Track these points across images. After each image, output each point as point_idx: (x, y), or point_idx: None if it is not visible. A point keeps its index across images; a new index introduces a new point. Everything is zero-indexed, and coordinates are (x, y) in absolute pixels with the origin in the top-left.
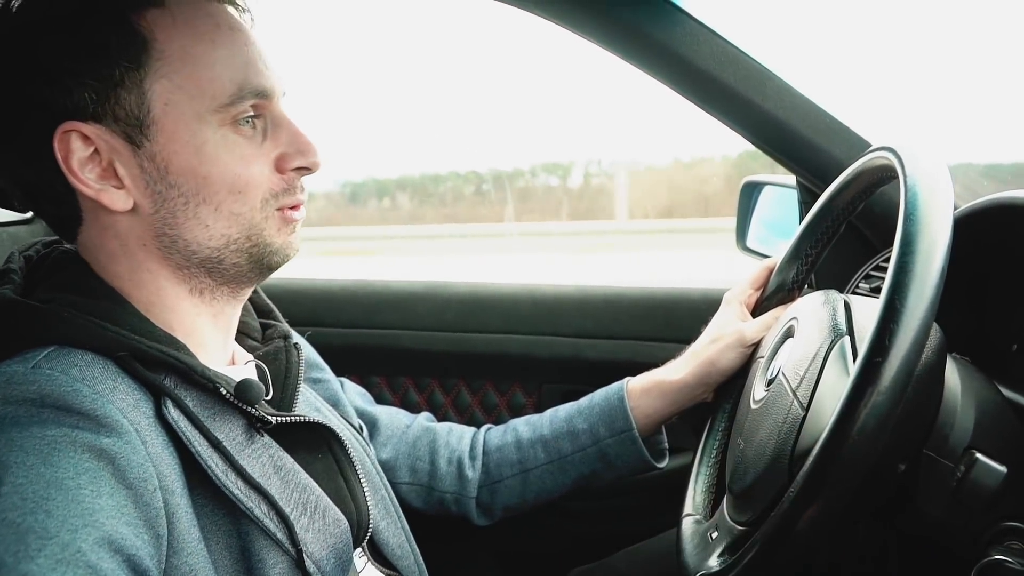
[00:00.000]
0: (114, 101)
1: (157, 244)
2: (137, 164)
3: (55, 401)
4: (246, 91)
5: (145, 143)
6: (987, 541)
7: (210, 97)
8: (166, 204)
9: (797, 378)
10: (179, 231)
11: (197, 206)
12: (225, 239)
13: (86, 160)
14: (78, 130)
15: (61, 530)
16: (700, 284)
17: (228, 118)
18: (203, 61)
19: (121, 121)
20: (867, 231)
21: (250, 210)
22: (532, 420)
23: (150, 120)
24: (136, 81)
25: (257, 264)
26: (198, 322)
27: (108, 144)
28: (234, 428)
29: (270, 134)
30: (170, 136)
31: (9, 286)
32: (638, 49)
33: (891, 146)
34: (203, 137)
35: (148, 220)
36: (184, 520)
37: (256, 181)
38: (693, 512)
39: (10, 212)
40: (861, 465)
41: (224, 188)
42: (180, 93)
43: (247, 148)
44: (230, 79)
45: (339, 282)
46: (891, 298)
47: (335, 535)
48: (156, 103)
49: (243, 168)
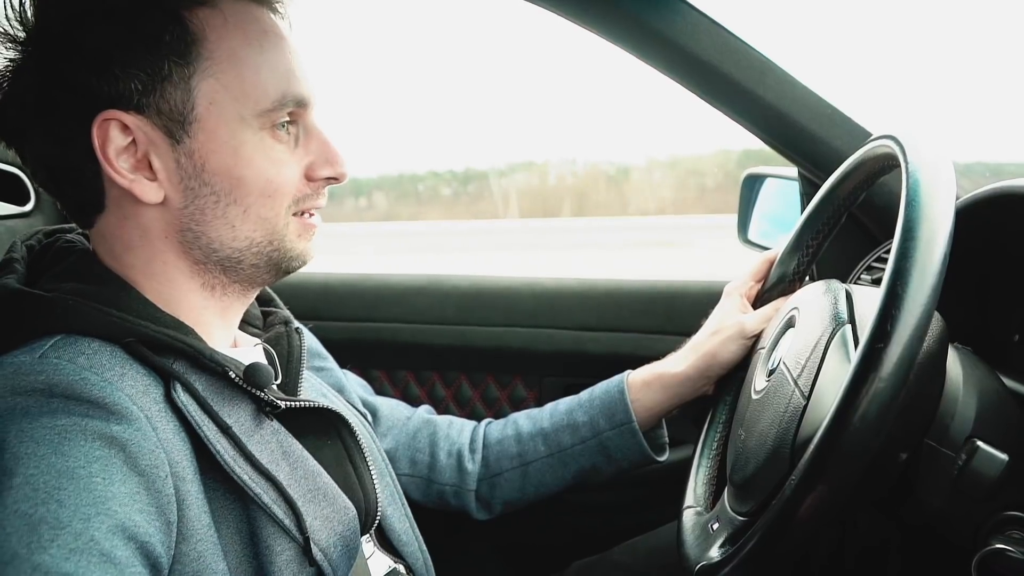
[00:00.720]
0: (159, 94)
1: (179, 238)
2: (174, 159)
3: (64, 390)
4: (288, 98)
5: (185, 139)
6: (988, 530)
7: (253, 101)
8: (196, 201)
9: (798, 367)
10: (204, 228)
11: (227, 206)
12: (248, 241)
13: (122, 149)
14: (119, 119)
15: (74, 519)
16: (701, 277)
17: (268, 122)
18: (250, 65)
19: (164, 115)
20: (869, 222)
21: (276, 215)
22: (532, 413)
23: (193, 117)
24: (184, 77)
25: (274, 267)
26: (205, 315)
27: (147, 136)
28: (243, 413)
29: (302, 141)
30: (210, 134)
31: (12, 276)
32: (639, 40)
33: (893, 134)
34: (242, 139)
35: (175, 214)
36: (195, 506)
37: (286, 187)
38: (694, 504)
39: (9, 205)
40: (862, 455)
41: (256, 191)
42: (225, 93)
43: (281, 153)
44: (274, 85)
45: (339, 275)
46: (893, 284)
47: (343, 522)
48: (201, 101)
49: (276, 172)
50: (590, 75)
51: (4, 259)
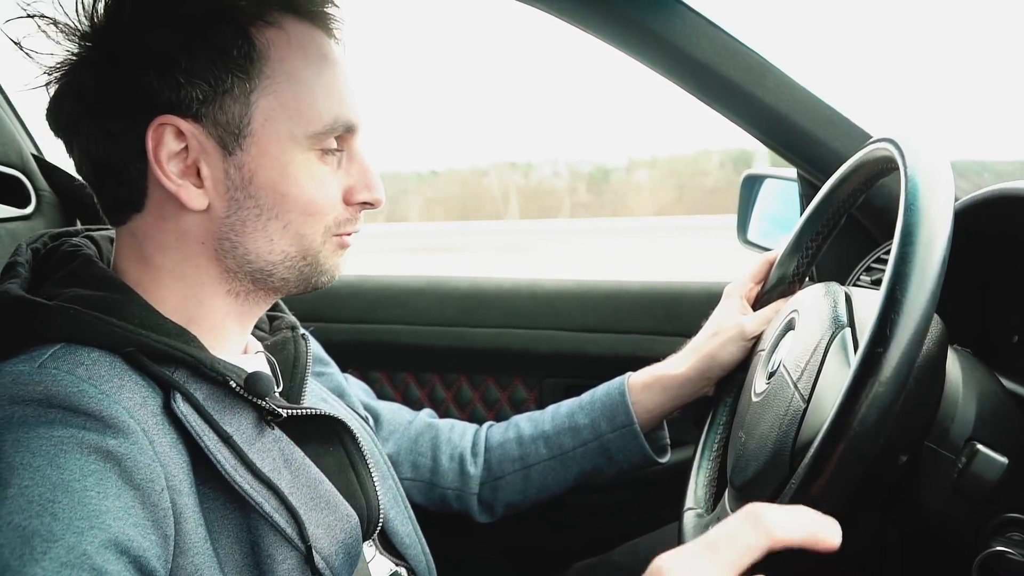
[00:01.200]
0: (218, 105)
1: (216, 245)
2: (223, 169)
3: (61, 402)
4: (339, 123)
5: (237, 151)
6: (989, 533)
7: (307, 122)
8: (239, 212)
9: (798, 370)
10: (243, 239)
11: (268, 220)
12: (283, 255)
13: (174, 154)
14: (175, 124)
15: (67, 532)
16: (701, 278)
17: (317, 144)
18: (307, 87)
19: (220, 126)
20: (868, 224)
21: (314, 233)
22: (534, 416)
23: (248, 131)
24: (245, 92)
25: (303, 282)
26: (225, 320)
27: (200, 144)
28: (244, 421)
29: (344, 165)
30: (262, 150)
31: (16, 280)
32: (638, 42)
33: (891, 137)
34: (291, 157)
35: (216, 223)
36: (191, 520)
37: (327, 208)
38: (695, 506)
39: (9, 207)
40: (862, 457)
41: (297, 208)
42: (281, 112)
43: (326, 175)
44: (327, 109)
45: (339, 277)
46: (892, 288)
47: (345, 530)
48: (257, 116)
49: (318, 193)
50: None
51: (8, 263)
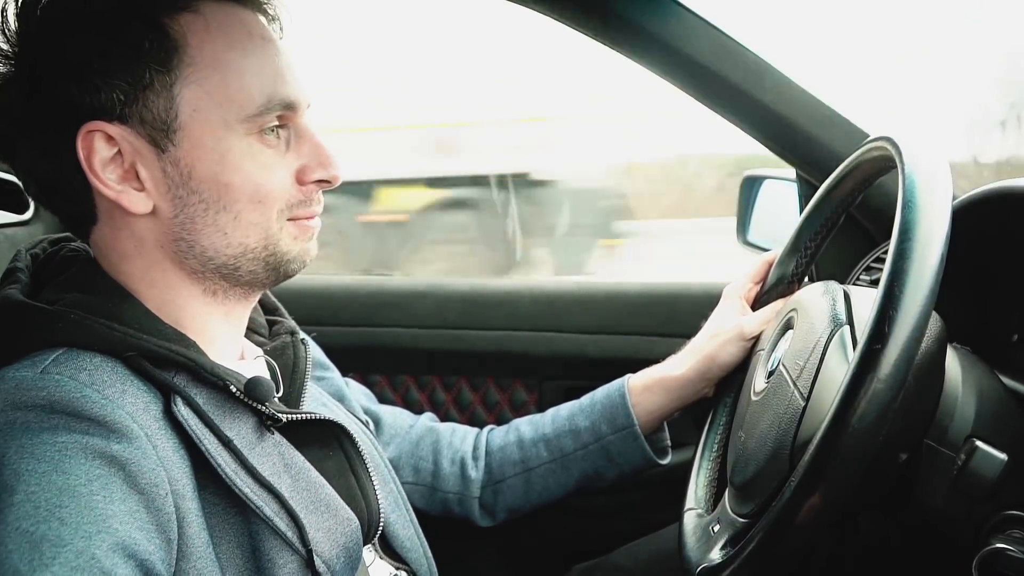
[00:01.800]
0: (142, 103)
1: (174, 248)
2: (160, 168)
3: (64, 407)
4: (274, 102)
5: (170, 147)
6: (989, 530)
7: (238, 106)
8: (186, 209)
9: (797, 369)
10: (197, 237)
11: (217, 213)
12: (243, 247)
13: (108, 161)
14: (103, 130)
15: (75, 537)
16: (700, 279)
17: (254, 127)
18: (234, 69)
19: (147, 124)
20: (867, 223)
21: (267, 220)
22: (534, 419)
23: (177, 125)
24: (166, 85)
25: (273, 271)
26: (210, 320)
27: (132, 146)
28: (244, 426)
29: (293, 145)
30: (196, 142)
31: (16, 286)
32: (636, 44)
33: (889, 136)
34: (228, 145)
35: (166, 224)
36: (194, 524)
37: (276, 192)
38: (695, 506)
39: (8, 213)
40: (861, 456)
41: (244, 196)
42: (209, 100)
43: (270, 158)
44: (259, 89)
45: (339, 281)
46: (890, 285)
47: (345, 534)
48: (184, 108)
49: (265, 178)
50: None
51: (8, 268)
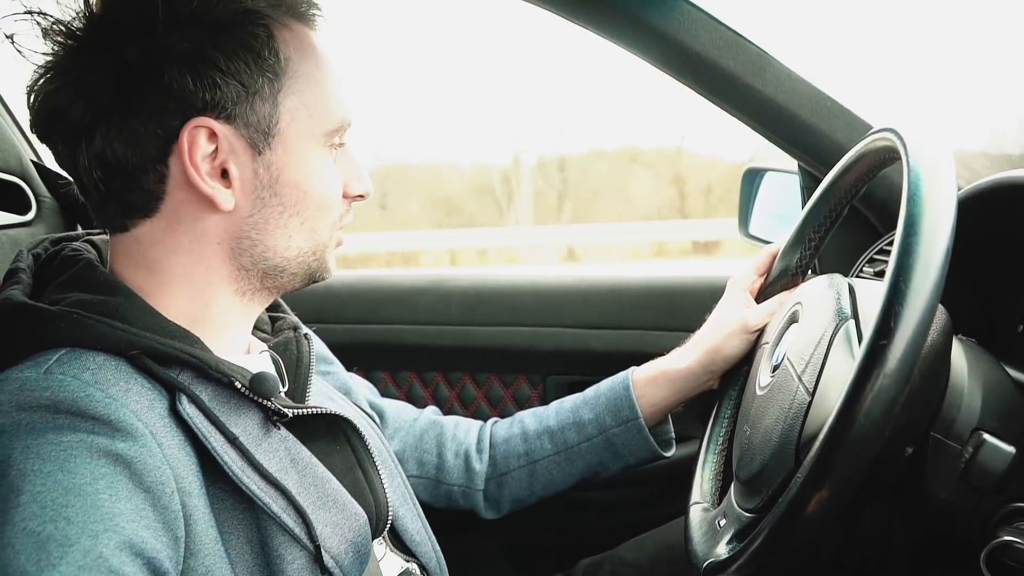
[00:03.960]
0: (249, 106)
1: (233, 244)
2: (252, 169)
3: (69, 407)
4: (346, 121)
5: (266, 151)
6: (996, 522)
7: (324, 120)
8: (264, 210)
9: (802, 363)
10: (263, 236)
11: (290, 217)
12: (298, 251)
13: (205, 156)
14: (209, 127)
15: (82, 536)
16: (703, 272)
17: (329, 141)
18: (323, 86)
19: (251, 126)
20: (871, 214)
21: (324, 228)
22: (538, 412)
23: (276, 131)
24: (274, 92)
25: (308, 278)
26: (228, 318)
27: (231, 145)
28: (250, 422)
29: (338, 161)
30: (288, 148)
31: (18, 286)
32: (636, 37)
33: (893, 127)
34: (312, 155)
35: (238, 222)
36: (202, 521)
37: (337, 202)
38: (701, 500)
39: (10, 214)
40: (868, 450)
41: (315, 204)
42: (304, 111)
43: (334, 171)
44: (338, 106)
45: (341, 277)
46: (895, 281)
47: (353, 528)
48: (284, 116)
49: (332, 188)
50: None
51: (10, 269)
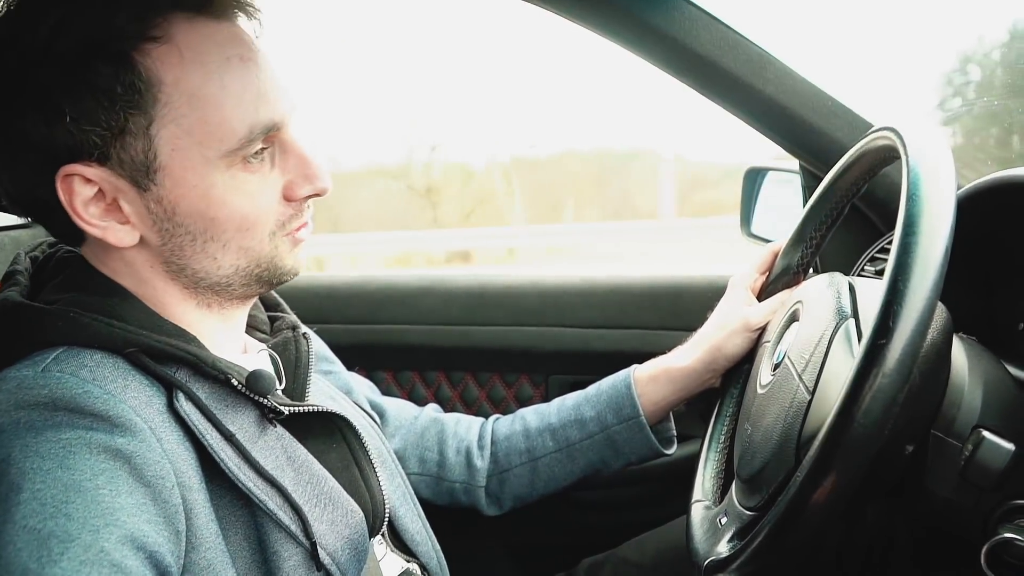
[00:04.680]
0: (120, 146)
1: (165, 268)
2: (143, 204)
3: (67, 404)
4: (257, 131)
5: (152, 187)
6: (997, 520)
7: (218, 141)
8: (173, 239)
9: (803, 362)
10: (186, 262)
11: (205, 243)
12: (234, 268)
13: (90, 199)
14: (80, 173)
15: (82, 532)
16: (705, 271)
17: (237, 159)
18: (212, 104)
19: (127, 165)
20: (871, 213)
21: (259, 243)
22: (540, 409)
23: (157, 165)
24: (142, 127)
25: (267, 283)
26: (206, 324)
27: (112, 185)
28: (246, 419)
29: (278, 160)
30: (177, 180)
31: (15, 288)
32: (637, 37)
33: (893, 126)
34: (211, 181)
35: (155, 250)
36: (202, 515)
37: (264, 217)
38: (702, 498)
39: (11, 216)
40: (867, 449)
41: (232, 227)
42: (188, 139)
43: (255, 185)
44: (240, 119)
45: (343, 277)
46: (894, 280)
47: (350, 526)
48: (163, 148)
49: (251, 207)
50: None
51: (8, 271)
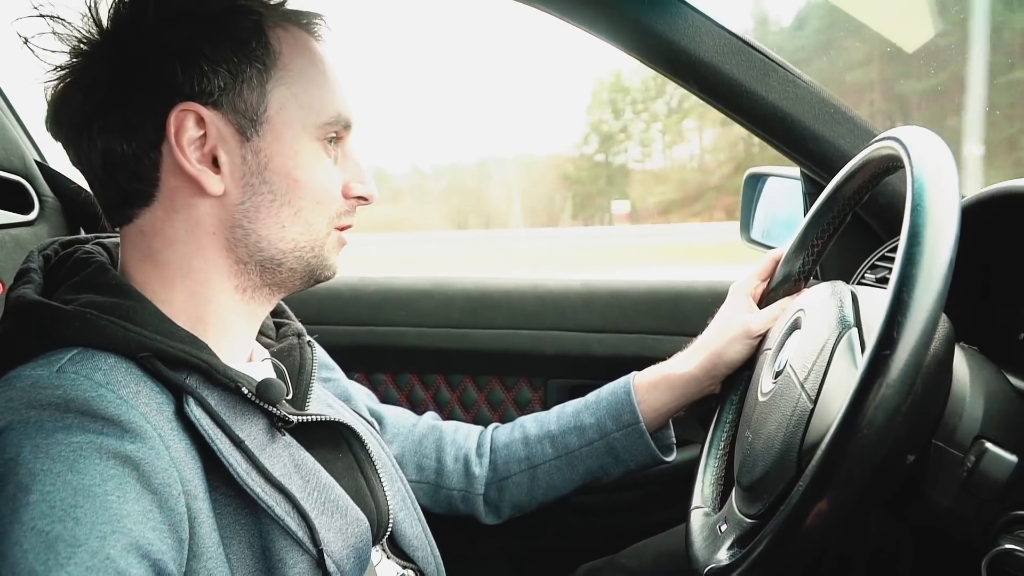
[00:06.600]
0: (237, 93)
1: (228, 234)
2: (240, 155)
3: (79, 406)
4: (342, 117)
5: (254, 137)
6: (997, 530)
7: (316, 112)
8: (254, 198)
9: (805, 370)
10: (256, 225)
11: (281, 206)
12: (294, 244)
13: (193, 140)
14: (196, 111)
15: (90, 537)
16: (706, 277)
17: (323, 134)
18: (316, 82)
19: (239, 113)
20: (872, 221)
21: (321, 223)
22: (539, 417)
23: (264, 118)
24: (262, 81)
25: (308, 276)
26: (231, 318)
27: (219, 131)
28: (255, 427)
29: (340, 162)
30: (277, 136)
31: (30, 286)
32: (641, 43)
33: (897, 135)
34: (302, 145)
35: (229, 209)
36: (205, 524)
37: (333, 197)
38: (702, 504)
39: (13, 214)
40: (870, 459)
41: (309, 195)
42: (294, 102)
43: (331, 166)
44: (332, 103)
45: (343, 280)
46: (899, 290)
47: (355, 534)
48: (273, 105)
49: (327, 181)
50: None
51: (21, 269)
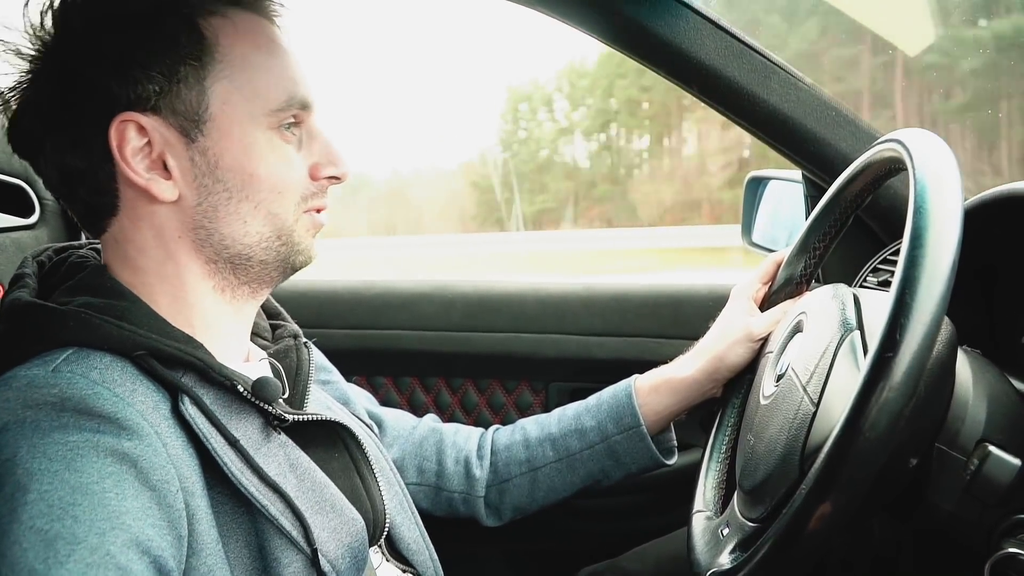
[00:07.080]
0: (175, 95)
1: (192, 236)
2: (188, 157)
3: (76, 404)
4: (294, 100)
5: (199, 137)
6: (1000, 534)
7: (263, 101)
8: (210, 198)
9: (807, 373)
10: (217, 224)
11: (239, 202)
12: (259, 236)
13: (138, 150)
14: (136, 120)
15: (89, 534)
16: (707, 280)
17: (275, 122)
18: (260, 68)
19: (179, 115)
20: (873, 224)
21: (285, 211)
22: (540, 419)
23: (207, 116)
24: (198, 79)
25: (282, 264)
26: (219, 318)
27: (162, 136)
28: (251, 426)
29: (305, 144)
30: (224, 133)
31: (25, 290)
32: (643, 45)
33: (899, 138)
34: (253, 137)
35: (189, 212)
36: (204, 521)
37: (294, 184)
38: (704, 508)
39: (14, 217)
40: (873, 462)
41: (266, 187)
42: (237, 95)
43: (289, 152)
44: (281, 88)
45: (344, 283)
46: (901, 293)
47: (350, 534)
48: (214, 101)
49: (285, 170)
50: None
51: (16, 274)
